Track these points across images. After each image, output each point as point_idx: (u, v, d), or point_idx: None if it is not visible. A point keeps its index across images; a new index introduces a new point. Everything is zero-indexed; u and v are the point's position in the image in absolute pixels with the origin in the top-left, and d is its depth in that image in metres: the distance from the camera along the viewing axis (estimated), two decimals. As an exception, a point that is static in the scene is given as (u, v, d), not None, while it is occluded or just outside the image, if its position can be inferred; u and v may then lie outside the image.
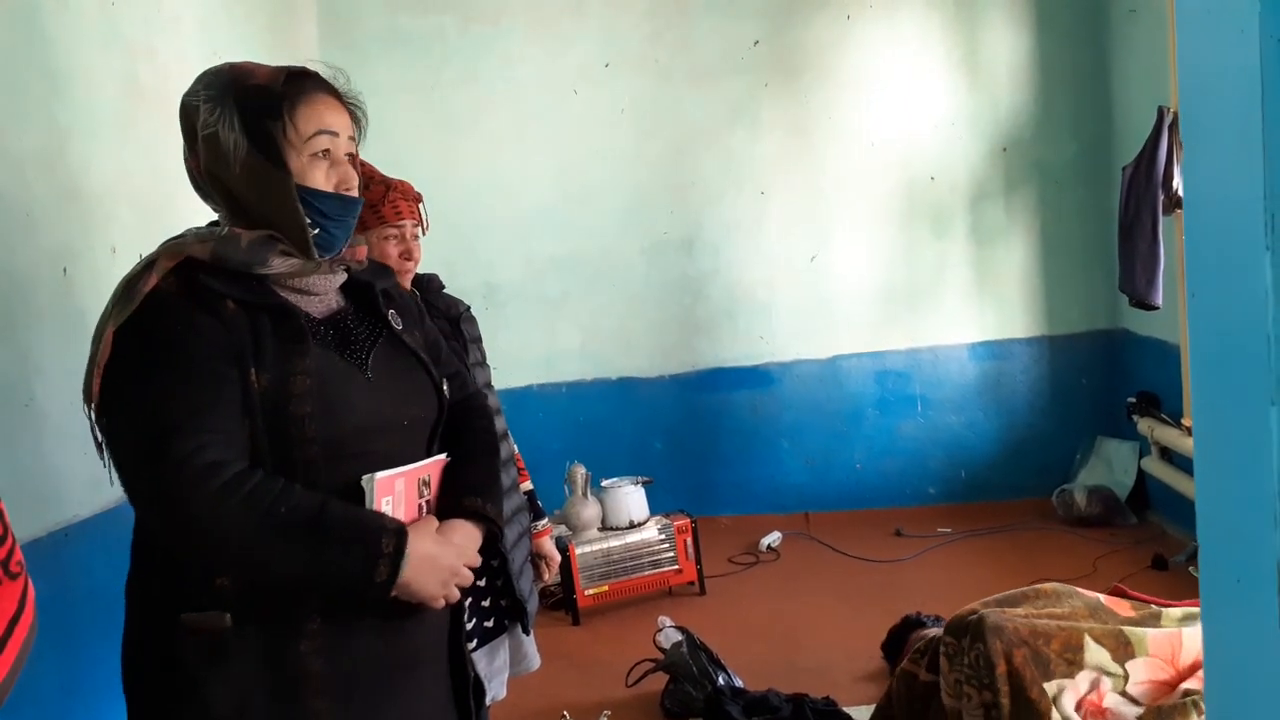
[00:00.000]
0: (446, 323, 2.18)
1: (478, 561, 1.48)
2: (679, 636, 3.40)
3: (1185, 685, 2.24)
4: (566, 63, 5.10)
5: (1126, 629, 2.32)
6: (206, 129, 1.39)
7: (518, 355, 5.13)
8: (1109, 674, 2.25)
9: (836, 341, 5.24)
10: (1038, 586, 2.55)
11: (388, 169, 2.23)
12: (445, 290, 2.28)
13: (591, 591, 4.16)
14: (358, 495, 1.37)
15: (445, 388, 1.57)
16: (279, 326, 1.38)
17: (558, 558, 2.47)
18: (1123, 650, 2.28)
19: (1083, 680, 2.25)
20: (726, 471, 5.29)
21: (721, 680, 3.21)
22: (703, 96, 5.11)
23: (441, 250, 4.25)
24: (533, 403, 5.22)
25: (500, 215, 5.15)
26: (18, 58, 2.46)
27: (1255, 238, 0.74)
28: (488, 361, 2.27)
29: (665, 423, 5.28)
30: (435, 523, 1.45)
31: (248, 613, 1.35)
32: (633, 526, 4.30)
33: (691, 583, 4.34)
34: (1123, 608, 2.46)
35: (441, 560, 1.40)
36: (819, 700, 3.06)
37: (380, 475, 1.38)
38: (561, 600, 4.22)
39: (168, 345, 1.33)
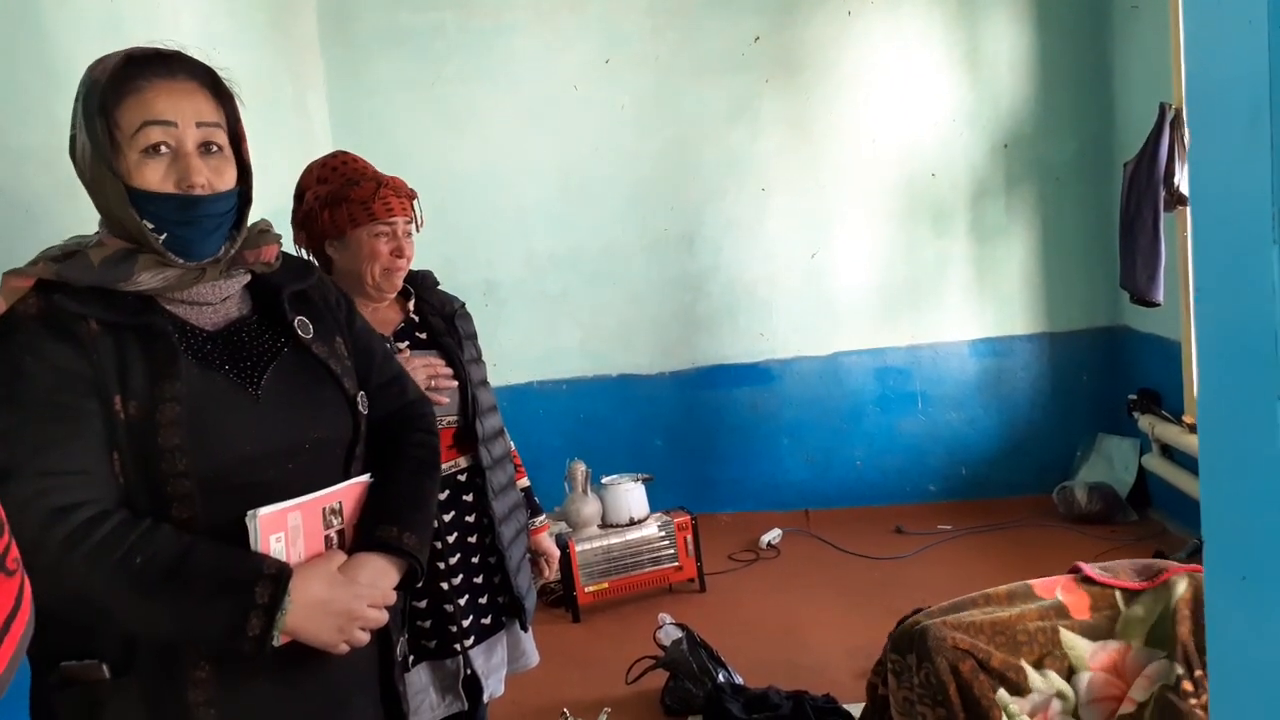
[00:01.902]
0: (441, 320, 2.17)
1: (390, 599, 1.36)
2: (679, 634, 3.40)
3: (1129, 698, 2.16)
4: (567, 59, 5.08)
5: (1067, 644, 2.19)
6: (71, 131, 1.29)
7: (518, 352, 5.13)
8: (1059, 695, 2.16)
9: (837, 338, 5.23)
10: (988, 591, 2.41)
11: (388, 165, 2.22)
12: (441, 287, 2.27)
13: (591, 589, 4.16)
14: (246, 532, 1.24)
15: (363, 402, 1.44)
16: (148, 347, 1.24)
17: (556, 553, 2.46)
18: (1064, 670, 2.19)
19: (1029, 702, 2.17)
20: (727, 468, 5.29)
21: (721, 677, 3.21)
22: (703, 93, 5.10)
23: (442, 247, 4.26)
24: (533, 399, 5.22)
25: (500, 211, 5.14)
26: (17, 54, 2.45)
27: (1262, 233, 0.73)
28: (483, 358, 2.26)
29: (665, 420, 5.27)
30: (339, 559, 1.32)
31: (127, 661, 1.22)
32: (633, 523, 4.30)
33: (692, 580, 4.34)
34: (1081, 607, 2.29)
35: (334, 605, 1.27)
36: (819, 697, 3.05)
37: (265, 511, 1.24)
38: (561, 597, 4.21)
39: (10, 378, 1.18)
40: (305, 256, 2.14)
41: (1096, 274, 5.06)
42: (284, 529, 1.27)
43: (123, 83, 1.25)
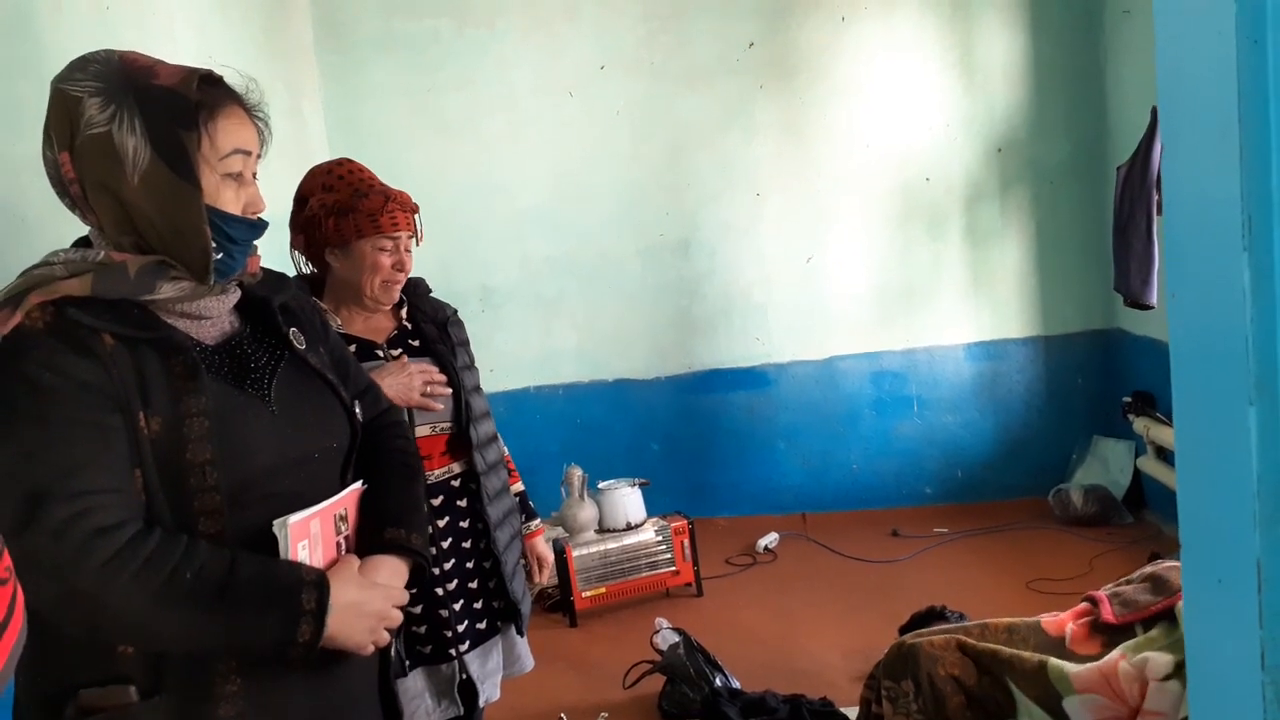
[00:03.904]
0: (434, 327, 2.18)
1: (405, 599, 1.39)
2: (676, 638, 3.40)
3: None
4: (562, 65, 5.10)
5: (1051, 670, 2.05)
6: (94, 128, 1.20)
7: (514, 357, 5.15)
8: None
9: (832, 342, 5.24)
10: (986, 621, 2.31)
11: (384, 171, 2.22)
12: (433, 294, 2.29)
13: (589, 593, 4.17)
14: (268, 542, 1.24)
15: (358, 410, 1.46)
16: (167, 361, 1.22)
17: (550, 558, 2.47)
18: (1052, 697, 2.04)
19: None
20: (723, 473, 5.29)
21: (719, 681, 3.22)
22: (698, 98, 5.11)
23: (438, 252, 4.26)
24: (530, 405, 5.22)
25: (496, 217, 5.15)
26: (12, 62, 2.46)
27: (1233, 238, 0.74)
28: (476, 364, 2.27)
29: (662, 424, 5.28)
30: (357, 563, 1.34)
31: (156, 682, 1.20)
32: (630, 528, 4.30)
33: (689, 584, 4.34)
34: (1093, 646, 2.14)
35: (367, 606, 1.30)
36: (816, 701, 3.06)
37: (294, 519, 1.26)
38: (559, 602, 4.22)
39: (31, 395, 1.14)
40: (300, 260, 2.16)
41: (1091, 277, 5.08)
42: (308, 536, 1.29)
43: (216, 103, 1.26)
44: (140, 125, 1.21)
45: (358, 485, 1.43)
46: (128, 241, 1.25)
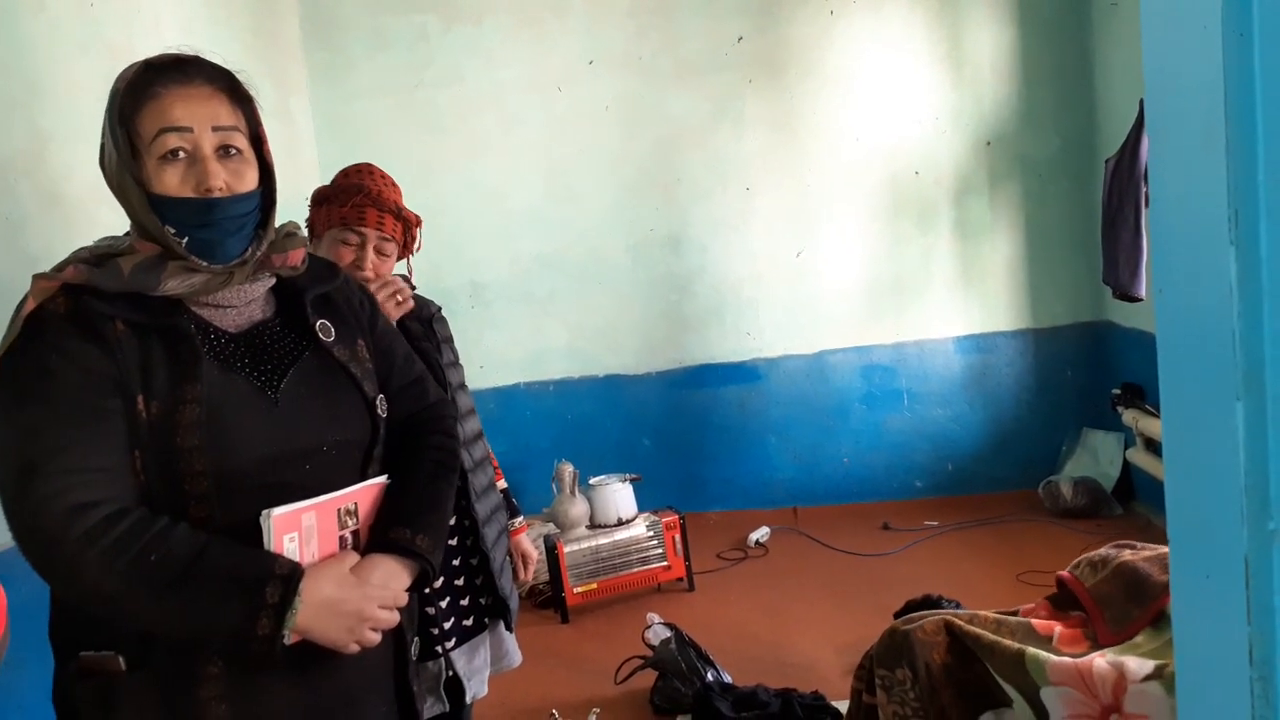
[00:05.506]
0: (419, 324, 2.17)
1: (401, 601, 1.37)
2: (668, 633, 3.41)
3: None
4: (550, 61, 5.09)
5: (1029, 660, 2.02)
6: (100, 142, 1.32)
7: (505, 354, 5.14)
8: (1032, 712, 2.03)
9: (823, 337, 5.24)
10: (976, 613, 2.29)
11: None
12: (417, 290, 2.28)
13: (580, 589, 4.16)
14: (261, 532, 1.25)
15: (382, 405, 1.45)
16: (171, 349, 1.27)
17: (535, 555, 2.46)
18: (1028, 685, 2.02)
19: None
20: (714, 467, 5.30)
21: (710, 676, 3.22)
22: (687, 93, 5.11)
23: (427, 250, 4.18)
24: (520, 401, 5.22)
25: (485, 214, 5.14)
26: (-6, 61, 2.45)
27: (1219, 232, 0.74)
28: (461, 362, 2.27)
29: (653, 420, 5.28)
30: (352, 560, 1.33)
31: (143, 655, 1.25)
32: (621, 524, 4.30)
33: (680, 579, 4.34)
34: (1078, 646, 2.13)
35: (345, 605, 1.28)
36: (807, 695, 3.06)
37: (279, 511, 1.25)
38: (550, 598, 4.22)
39: (38, 376, 1.21)
40: None
41: (1079, 269, 5.09)
42: (298, 529, 1.28)
43: (141, 91, 1.28)
44: (107, 130, 1.30)
45: (378, 480, 1.42)
46: (144, 235, 1.31)
